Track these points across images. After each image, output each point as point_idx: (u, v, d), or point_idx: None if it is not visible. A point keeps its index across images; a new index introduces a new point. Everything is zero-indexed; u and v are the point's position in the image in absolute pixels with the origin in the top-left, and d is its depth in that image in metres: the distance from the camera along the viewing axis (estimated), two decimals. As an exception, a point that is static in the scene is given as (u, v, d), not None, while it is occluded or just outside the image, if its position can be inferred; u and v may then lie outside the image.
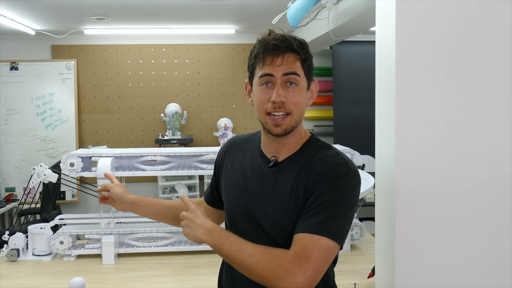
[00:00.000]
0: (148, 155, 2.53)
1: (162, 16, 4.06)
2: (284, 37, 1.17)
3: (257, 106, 1.20)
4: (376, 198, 1.64)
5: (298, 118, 1.20)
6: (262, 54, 1.16)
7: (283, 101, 1.15)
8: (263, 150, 1.28)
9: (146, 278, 2.18)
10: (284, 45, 1.15)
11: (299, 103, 1.18)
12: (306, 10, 2.89)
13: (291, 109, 1.17)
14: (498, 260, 1.51)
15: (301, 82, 1.18)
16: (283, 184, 1.20)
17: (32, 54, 4.84)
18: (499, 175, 1.49)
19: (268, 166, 1.24)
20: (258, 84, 1.19)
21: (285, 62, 1.15)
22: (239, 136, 1.42)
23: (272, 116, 1.17)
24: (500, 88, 1.48)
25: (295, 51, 1.16)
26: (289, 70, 1.15)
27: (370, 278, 2.00)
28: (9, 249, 2.44)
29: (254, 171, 1.27)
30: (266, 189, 1.22)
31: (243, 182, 1.27)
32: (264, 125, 1.21)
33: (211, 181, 1.47)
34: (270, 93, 1.16)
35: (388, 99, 1.51)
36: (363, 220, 3.15)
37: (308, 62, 1.20)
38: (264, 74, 1.17)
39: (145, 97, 5.01)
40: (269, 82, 1.17)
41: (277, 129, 1.18)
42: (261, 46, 1.17)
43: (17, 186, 4.81)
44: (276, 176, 1.22)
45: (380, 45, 1.58)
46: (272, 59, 1.16)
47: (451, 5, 1.45)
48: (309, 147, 1.24)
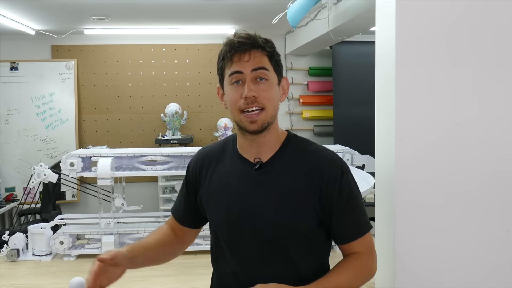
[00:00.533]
0: (148, 155, 2.53)
1: (162, 16, 4.06)
2: (249, 35, 1.18)
3: (230, 106, 1.20)
4: (376, 198, 1.64)
5: (273, 113, 1.19)
6: (229, 53, 1.17)
7: (255, 95, 1.15)
8: (242, 153, 1.25)
9: (146, 278, 2.18)
10: (250, 42, 1.16)
11: (272, 97, 1.18)
12: (306, 10, 2.89)
13: (264, 103, 1.16)
14: (498, 260, 1.51)
15: (271, 77, 1.18)
16: (278, 184, 1.19)
17: (32, 54, 4.84)
18: (499, 175, 1.49)
19: (254, 169, 1.21)
20: (229, 84, 1.19)
21: (253, 57, 1.16)
22: (207, 148, 1.36)
23: (246, 113, 1.16)
24: (500, 88, 1.48)
25: (261, 47, 1.17)
26: (258, 65, 1.16)
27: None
28: (9, 249, 2.44)
29: (240, 177, 1.23)
30: (259, 193, 1.20)
31: (230, 192, 1.23)
32: (239, 124, 1.19)
33: (181, 200, 1.38)
34: (241, 90, 1.16)
35: (388, 99, 1.51)
36: (363, 220, 3.14)
37: (276, 58, 1.21)
38: (233, 72, 1.17)
39: (145, 97, 5.00)
40: (240, 80, 1.17)
41: (253, 125, 1.17)
42: (227, 46, 1.18)
43: (17, 186, 4.81)
44: (265, 177, 1.20)
45: (380, 45, 1.58)
46: (239, 57, 1.16)
47: (451, 5, 1.45)
48: (290, 143, 1.25)
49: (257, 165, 1.22)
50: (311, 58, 5.14)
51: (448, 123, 1.47)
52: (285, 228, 1.18)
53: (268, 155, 1.23)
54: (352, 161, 2.66)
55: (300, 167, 1.21)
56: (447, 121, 1.47)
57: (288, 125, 5.11)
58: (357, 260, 1.22)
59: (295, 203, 1.18)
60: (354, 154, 2.68)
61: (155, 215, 2.66)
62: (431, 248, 1.48)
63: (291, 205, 1.18)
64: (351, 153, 2.68)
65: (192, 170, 1.33)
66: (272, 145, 1.24)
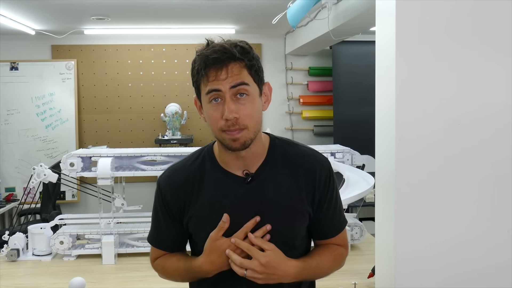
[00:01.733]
0: (148, 155, 2.53)
1: (162, 16, 4.06)
2: (223, 47, 1.08)
3: (210, 125, 1.11)
4: (376, 198, 1.64)
5: (255, 129, 1.11)
6: (204, 70, 1.07)
7: (236, 117, 1.07)
8: (226, 168, 1.17)
9: (146, 278, 2.18)
10: (226, 56, 1.06)
11: (253, 114, 1.10)
12: (306, 10, 2.89)
13: (245, 123, 1.08)
14: (498, 260, 1.51)
15: (251, 91, 1.09)
16: (273, 193, 1.16)
17: (32, 54, 4.84)
18: (499, 175, 1.49)
19: (246, 182, 1.16)
20: (207, 102, 1.10)
21: (230, 74, 1.06)
22: (178, 168, 1.23)
23: (227, 132, 1.09)
24: (500, 88, 1.48)
25: (238, 59, 1.07)
26: (236, 82, 1.07)
27: (370, 278, 2.01)
28: (9, 249, 2.44)
29: (232, 194, 1.16)
30: (255, 206, 1.15)
31: (224, 211, 1.14)
32: (222, 142, 1.12)
33: (160, 229, 1.25)
34: (221, 109, 1.07)
35: (388, 99, 1.51)
36: (363, 220, 3.14)
37: (256, 67, 1.11)
38: (210, 90, 1.07)
39: (145, 97, 5.00)
40: (218, 98, 1.08)
41: (235, 143, 1.09)
42: (201, 61, 1.08)
43: (17, 186, 4.81)
44: (258, 189, 1.16)
45: (380, 45, 1.58)
46: (215, 73, 1.06)
47: (451, 5, 1.45)
48: (276, 148, 1.20)
49: (248, 178, 1.16)
50: (311, 58, 5.14)
51: (449, 123, 1.47)
52: (287, 235, 1.18)
53: (256, 165, 1.17)
54: (352, 161, 2.66)
55: (291, 172, 1.18)
56: (448, 121, 1.47)
57: (288, 125, 5.11)
58: (336, 250, 1.26)
59: (292, 210, 1.17)
60: (354, 154, 2.68)
61: (155, 215, 2.65)
62: (431, 248, 1.48)
63: (289, 212, 1.17)
64: (351, 153, 2.68)
65: (171, 197, 1.20)
66: (258, 155, 1.18)
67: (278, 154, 1.20)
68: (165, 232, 1.25)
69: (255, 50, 1.15)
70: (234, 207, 1.15)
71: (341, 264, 1.28)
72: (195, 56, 1.12)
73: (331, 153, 2.64)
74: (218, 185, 1.17)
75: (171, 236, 1.25)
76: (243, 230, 1.12)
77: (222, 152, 1.18)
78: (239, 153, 1.14)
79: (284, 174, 1.18)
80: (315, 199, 1.19)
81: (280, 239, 1.15)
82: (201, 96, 1.13)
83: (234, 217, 1.13)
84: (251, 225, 1.13)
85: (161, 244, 1.28)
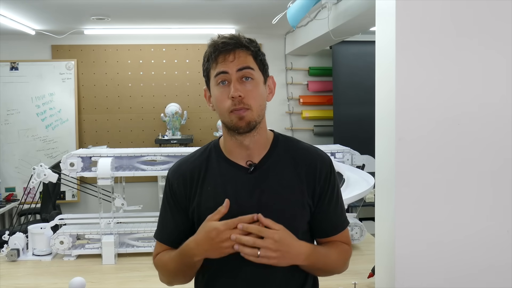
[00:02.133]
0: (148, 155, 2.53)
1: (162, 16, 4.06)
2: (232, 35, 1.19)
3: (217, 107, 1.19)
4: (376, 198, 1.64)
5: (259, 112, 1.18)
6: (214, 54, 1.17)
7: (241, 95, 1.14)
8: (230, 158, 1.23)
9: (146, 278, 2.18)
10: (234, 42, 1.17)
11: (257, 96, 1.17)
12: (306, 10, 2.89)
13: (250, 103, 1.15)
14: (498, 260, 1.51)
15: (256, 76, 1.18)
16: (274, 184, 1.19)
17: (32, 54, 4.84)
18: (499, 175, 1.49)
19: (249, 172, 1.20)
20: (215, 85, 1.19)
21: (237, 57, 1.16)
22: (186, 160, 1.28)
23: (234, 111, 1.15)
24: (500, 88, 1.48)
25: (245, 46, 1.17)
26: (243, 65, 1.16)
27: (370, 278, 2.01)
28: (9, 249, 2.44)
29: (235, 183, 1.20)
30: (257, 196, 1.18)
31: (225, 198, 1.15)
32: (228, 124, 1.18)
33: (167, 222, 1.27)
34: (227, 91, 1.16)
35: (388, 99, 1.51)
36: (363, 220, 3.14)
37: (260, 57, 1.21)
38: (218, 72, 1.16)
39: (145, 97, 5.00)
40: (225, 81, 1.16)
41: (241, 122, 1.15)
42: (212, 47, 1.18)
43: (17, 186, 4.81)
44: (261, 179, 1.20)
45: (380, 45, 1.58)
46: (224, 57, 1.16)
47: (451, 5, 1.45)
48: (279, 142, 1.26)
49: (251, 168, 1.20)
50: (311, 58, 5.14)
51: (448, 123, 1.47)
52: (287, 226, 1.17)
53: (259, 156, 1.22)
54: (352, 161, 2.66)
55: (293, 165, 1.23)
56: (447, 121, 1.47)
57: (288, 125, 5.11)
58: (341, 245, 1.27)
59: (293, 202, 1.20)
60: (354, 154, 2.68)
61: (155, 215, 2.65)
62: (431, 248, 1.48)
63: (290, 203, 1.20)
64: (351, 153, 2.68)
65: (178, 186, 1.24)
66: (262, 146, 1.23)
67: (281, 147, 1.25)
68: (171, 225, 1.27)
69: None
70: (234, 196, 1.17)
71: (347, 260, 1.29)
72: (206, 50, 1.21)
73: (331, 153, 2.64)
74: (222, 172, 1.22)
75: (177, 228, 1.25)
76: (238, 220, 1.11)
77: (227, 141, 1.23)
78: (243, 141, 1.19)
79: (286, 167, 1.22)
80: (315, 192, 1.22)
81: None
82: (210, 82, 1.21)
83: (236, 205, 1.15)
84: (247, 220, 1.11)
85: (166, 237, 1.28)
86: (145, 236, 2.53)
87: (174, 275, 1.26)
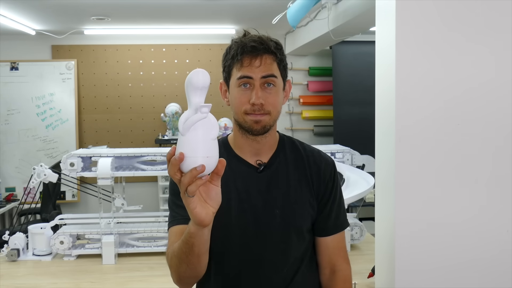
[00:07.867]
0: (148, 155, 2.53)
1: (162, 16, 4.06)
2: (261, 39, 1.17)
3: (235, 107, 1.19)
4: (376, 198, 1.64)
5: (275, 118, 1.21)
6: (240, 56, 1.16)
7: (262, 103, 1.15)
8: (240, 155, 1.25)
9: (146, 278, 2.18)
10: (262, 47, 1.15)
11: (277, 103, 1.19)
12: (306, 10, 2.89)
13: (269, 109, 1.17)
14: (498, 260, 1.51)
15: (278, 83, 1.19)
16: (283, 183, 1.23)
17: (32, 54, 4.84)
18: (499, 175, 1.49)
19: (259, 171, 1.23)
20: (236, 86, 1.18)
21: (263, 64, 1.15)
22: None
23: (251, 114, 1.17)
24: (500, 88, 1.48)
25: (272, 52, 1.17)
26: (268, 73, 1.15)
27: (370, 278, 2.00)
28: (9, 249, 2.44)
29: (245, 180, 1.22)
30: (266, 193, 1.22)
31: (238, 195, 1.20)
32: (243, 125, 1.19)
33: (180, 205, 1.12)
34: (248, 95, 1.16)
35: (388, 99, 1.51)
36: (363, 220, 3.15)
37: (284, 63, 1.21)
38: (242, 76, 1.16)
39: (145, 97, 5.00)
40: (248, 84, 1.16)
41: (257, 125, 1.17)
42: (239, 47, 1.16)
43: (17, 186, 4.81)
44: (270, 178, 1.23)
45: (380, 45, 1.58)
46: (250, 61, 1.15)
47: (451, 5, 1.45)
48: (285, 143, 1.29)
49: (261, 167, 1.23)
50: (311, 58, 5.14)
51: (448, 123, 1.47)
52: (294, 225, 1.22)
53: (267, 156, 1.25)
54: (352, 161, 2.66)
55: (299, 166, 1.26)
56: (447, 121, 1.47)
57: (288, 125, 5.12)
58: (346, 281, 1.32)
59: (300, 201, 1.23)
60: (354, 154, 2.68)
61: (155, 215, 2.66)
62: (431, 248, 1.48)
63: (298, 203, 1.23)
64: (351, 153, 2.68)
65: None
66: (271, 145, 1.26)
67: (287, 148, 1.28)
68: (184, 212, 1.10)
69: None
70: (245, 193, 1.20)
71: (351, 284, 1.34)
72: (231, 43, 1.20)
73: (331, 153, 2.64)
74: (232, 170, 1.19)
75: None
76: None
77: (237, 139, 1.24)
78: (255, 139, 1.20)
79: (293, 167, 1.25)
80: (320, 193, 1.26)
81: (289, 228, 1.21)
82: (230, 80, 1.20)
83: (246, 202, 1.19)
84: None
85: (179, 218, 1.18)
86: (145, 236, 2.53)
87: (179, 262, 1.11)
